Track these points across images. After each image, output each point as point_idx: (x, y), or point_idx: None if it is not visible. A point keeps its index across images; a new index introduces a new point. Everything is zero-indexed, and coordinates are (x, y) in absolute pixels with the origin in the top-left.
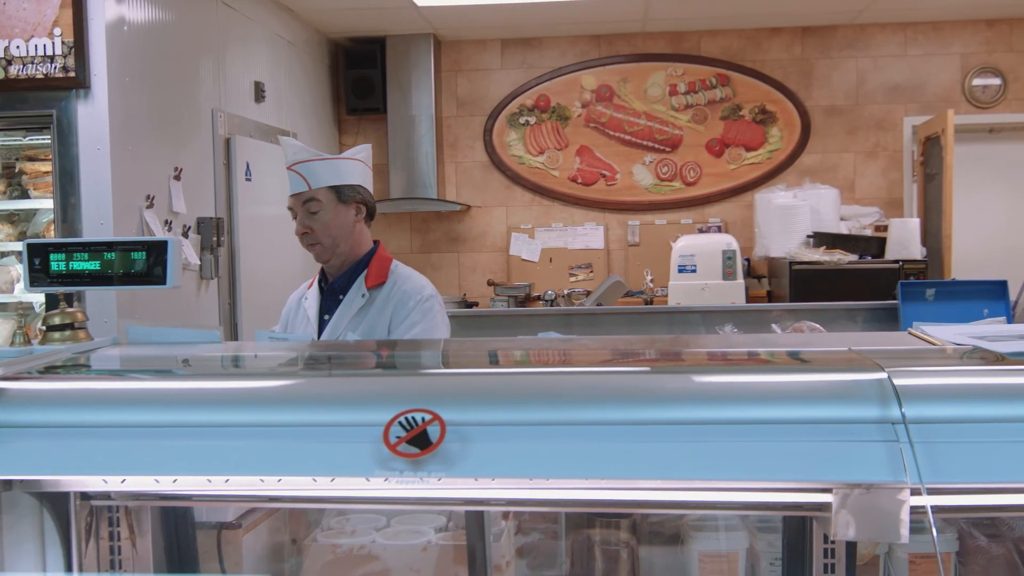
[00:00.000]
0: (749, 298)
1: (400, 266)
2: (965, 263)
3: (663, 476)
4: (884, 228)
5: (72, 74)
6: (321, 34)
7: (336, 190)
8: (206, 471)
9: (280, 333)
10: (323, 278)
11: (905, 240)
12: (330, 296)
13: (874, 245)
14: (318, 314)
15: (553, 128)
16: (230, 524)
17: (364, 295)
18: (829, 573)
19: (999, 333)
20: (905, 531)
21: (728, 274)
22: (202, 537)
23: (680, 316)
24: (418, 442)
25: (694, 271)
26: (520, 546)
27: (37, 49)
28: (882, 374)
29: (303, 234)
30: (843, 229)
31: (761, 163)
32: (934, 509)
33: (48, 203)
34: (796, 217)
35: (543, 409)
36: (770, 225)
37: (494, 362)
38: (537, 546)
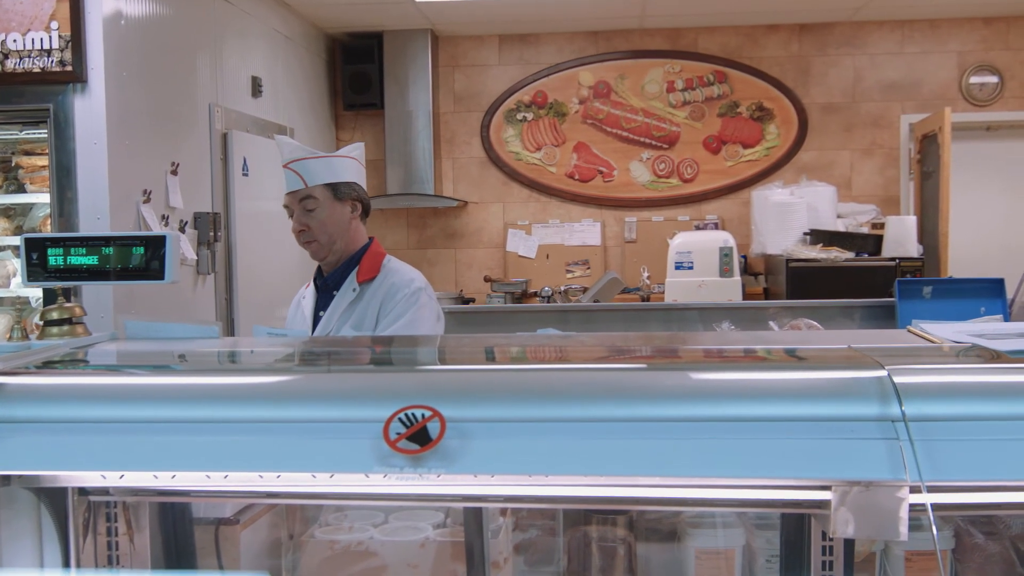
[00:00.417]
0: (746, 295)
1: (393, 260)
2: (962, 261)
3: (663, 473)
4: (881, 226)
5: (69, 68)
6: (318, 29)
7: (332, 187)
8: (205, 467)
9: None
10: (318, 275)
11: (902, 238)
12: (325, 292)
13: (871, 243)
14: (313, 311)
15: (550, 124)
16: (228, 520)
17: (355, 289)
18: (827, 570)
19: (997, 331)
20: (904, 529)
21: (725, 271)
22: (200, 533)
23: (677, 313)
24: (418, 438)
25: (691, 268)
26: (518, 542)
27: (34, 43)
28: (882, 372)
29: (300, 232)
30: (840, 227)
31: (758, 160)
32: (933, 507)
33: (44, 197)
34: (793, 214)
35: (542, 406)
36: (767, 222)
37: (494, 358)
38: (535, 543)
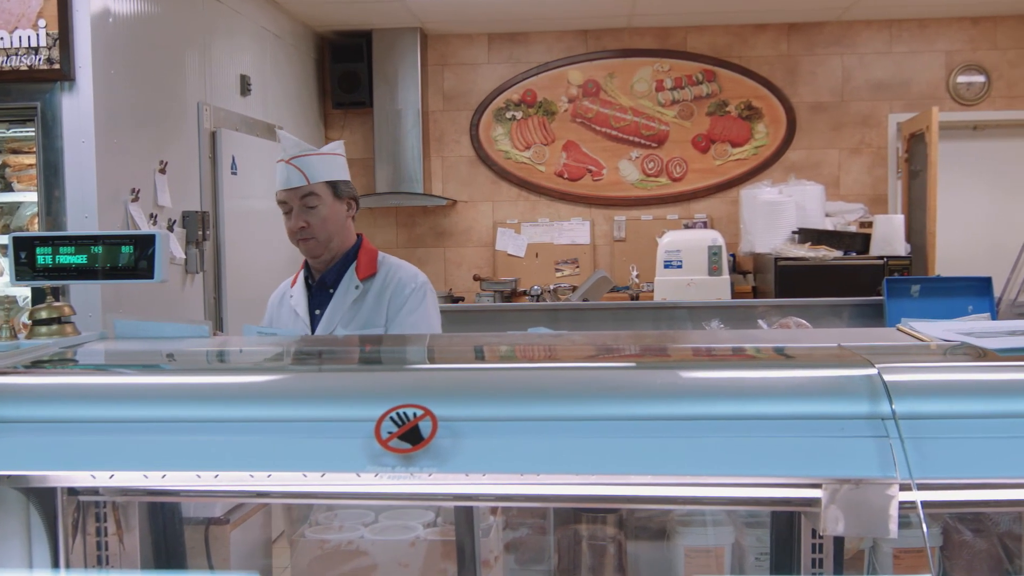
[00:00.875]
0: (735, 294)
1: (388, 256)
2: (949, 260)
3: (653, 472)
4: (869, 224)
5: (57, 66)
6: (307, 27)
7: (332, 185)
8: (195, 467)
9: (270, 328)
10: (309, 274)
11: (889, 236)
12: (320, 291)
13: (859, 241)
14: (307, 310)
15: (539, 123)
16: (218, 519)
17: (358, 287)
18: (817, 568)
19: (986, 329)
20: (894, 526)
21: (714, 270)
22: (190, 532)
23: (666, 312)
24: (409, 437)
25: (680, 267)
26: (508, 541)
27: (21, 41)
28: (872, 370)
29: (300, 228)
30: (828, 225)
31: (747, 159)
32: (923, 505)
33: (32, 196)
34: (781, 213)
35: (534, 405)
36: (755, 221)
37: (485, 357)
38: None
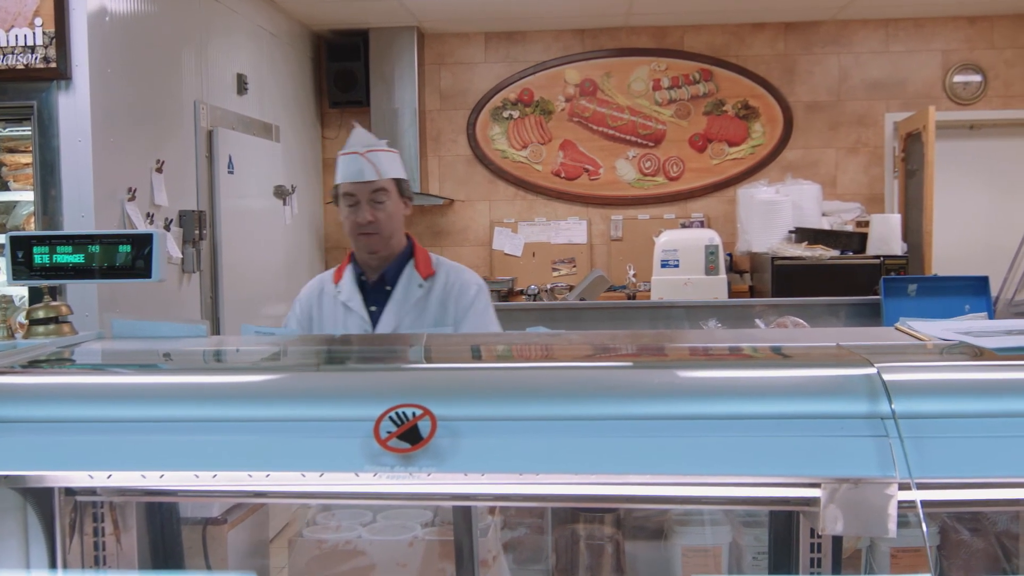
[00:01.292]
0: (731, 293)
1: (439, 257)
2: (945, 259)
3: (652, 471)
4: (865, 224)
5: (53, 65)
6: (304, 26)
7: (398, 183)
8: (193, 466)
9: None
10: (358, 270)
11: (886, 236)
12: (377, 288)
13: (855, 241)
14: (363, 306)
15: (536, 122)
16: (215, 520)
17: (421, 285)
18: (815, 567)
19: (985, 328)
20: (893, 526)
21: (711, 269)
22: (187, 533)
23: (663, 311)
24: (409, 437)
25: (677, 266)
26: (506, 541)
27: (18, 39)
28: (871, 369)
29: (367, 223)
30: (825, 225)
31: (743, 158)
32: (923, 504)
33: (28, 195)
34: (778, 212)
35: (533, 404)
36: (752, 220)
37: (484, 357)
38: (523, 541)
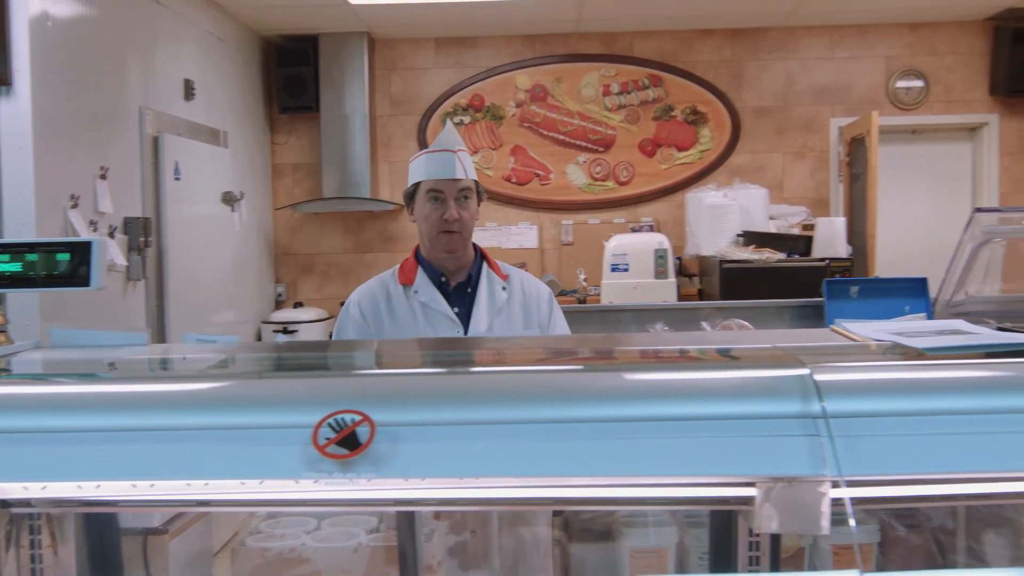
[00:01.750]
0: (681, 296)
1: (504, 263)
2: (889, 261)
3: (592, 473)
4: (811, 227)
5: None
6: (252, 31)
7: (477, 185)
8: (130, 476)
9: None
10: (432, 272)
11: (831, 239)
12: (459, 291)
13: (801, 244)
14: (449, 308)
15: (487, 128)
16: (156, 530)
17: (504, 288)
18: (754, 566)
19: (917, 329)
20: (826, 523)
21: (660, 273)
22: (127, 543)
23: (612, 315)
24: (347, 443)
25: (626, 270)
26: (451, 545)
27: None
28: (804, 370)
29: (453, 221)
30: (772, 228)
31: (692, 163)
32: (853, 501)
33: None
34: (726, 216)
35: (473, 408)
36: (701, 224)
37: (425, 362)
38: (468, 545)
